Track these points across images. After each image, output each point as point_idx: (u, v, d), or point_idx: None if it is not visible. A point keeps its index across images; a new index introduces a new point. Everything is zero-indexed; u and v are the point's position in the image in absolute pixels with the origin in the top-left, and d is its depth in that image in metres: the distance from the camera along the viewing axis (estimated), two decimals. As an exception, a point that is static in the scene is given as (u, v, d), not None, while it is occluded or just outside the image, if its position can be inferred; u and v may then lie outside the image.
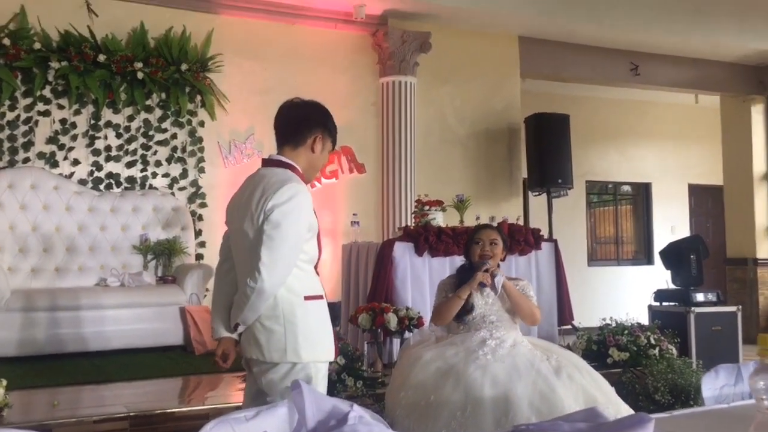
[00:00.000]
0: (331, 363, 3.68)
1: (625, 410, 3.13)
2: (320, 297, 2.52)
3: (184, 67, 6.71)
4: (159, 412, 3.64)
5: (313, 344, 2.44)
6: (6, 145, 6.22)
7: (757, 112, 9.74)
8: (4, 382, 3.41)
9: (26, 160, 6.27)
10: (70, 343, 5.41)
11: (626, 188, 11.42)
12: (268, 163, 2.59)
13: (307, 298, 2.45)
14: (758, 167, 9.68)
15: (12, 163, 6.21)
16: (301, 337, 2.41)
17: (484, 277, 3.42)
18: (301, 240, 2.43)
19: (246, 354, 2.50)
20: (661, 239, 10.32)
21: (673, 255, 6.28)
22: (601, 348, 5.03)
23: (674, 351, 5.04)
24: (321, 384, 2.49)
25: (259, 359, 2.43)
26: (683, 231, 11.02)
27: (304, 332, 2.41)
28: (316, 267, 2.57)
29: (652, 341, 4.95)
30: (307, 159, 2.57)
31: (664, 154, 11.20)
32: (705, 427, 1.73)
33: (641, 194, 11.37)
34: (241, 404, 3.77)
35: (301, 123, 2.56)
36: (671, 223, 11.21)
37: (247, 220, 2.42)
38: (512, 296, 3.46)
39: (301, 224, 2.41)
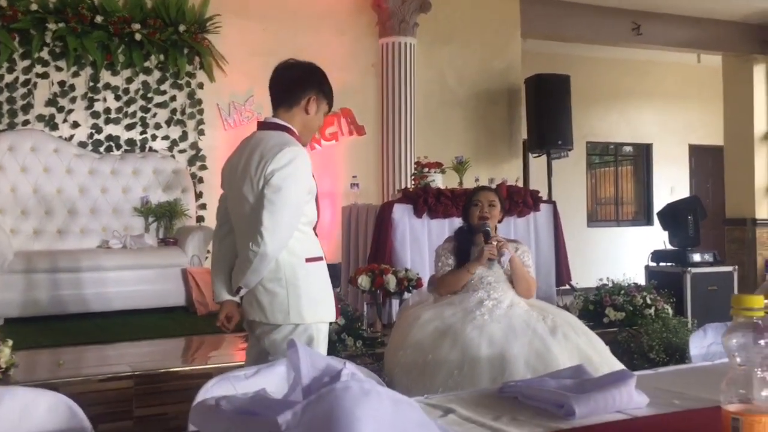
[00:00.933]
0: (331, 323, 3.75)
1: (619, 369, 3.18)
2: (320, 259, 2.55)
3: (182, 28, 6.67)
4: (163, 371, 3.71)
5: (315, 305, 2.47)
6: (5, 107, 6.21)
7: (759, 72, 9.69)
8: (10, 342, 3.47)
9: (26, 122, 6.28)
10: (72, 305, 5.48)
11: (627, 149, 11.40)
12: (264, 126, 2.58)
13: (308, 260, 2.48)
14: (759, 127, 9.66)
15: (12, 126, 6.21)
16: (303, 298, 2.44)
17: (491, 253, 3.43)
18: (302, 203, 2.44)
19: (248, 316, 2.53)
20: (660, 200, 10.33)
21: (671, 216, 6.32)
22: (598, 308, 5.09)
23: (670, 311, 5.10)
24: (322, 344, 2.53)
25: (262, 321, 2.47)
26: (683, 192, 11.04)
27: (306, 294, 2.45)
28: (315, 229, 2.59)
29: (648, 301, 5.01)
30: (301, 120, 2.56)
31: (665, 115, 11.16)
32: (686, 382, 1.78)
33: (642, 155, 11.36)
34: (243, 364, 3.86)
35: (294, 83, 2.55)
36: (671, 183, 11.21)
37: (247, 184, 2.43)
38: (516, 272, 3.49)
39: (300, 187, 2.42)
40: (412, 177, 6.14)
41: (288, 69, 2.59)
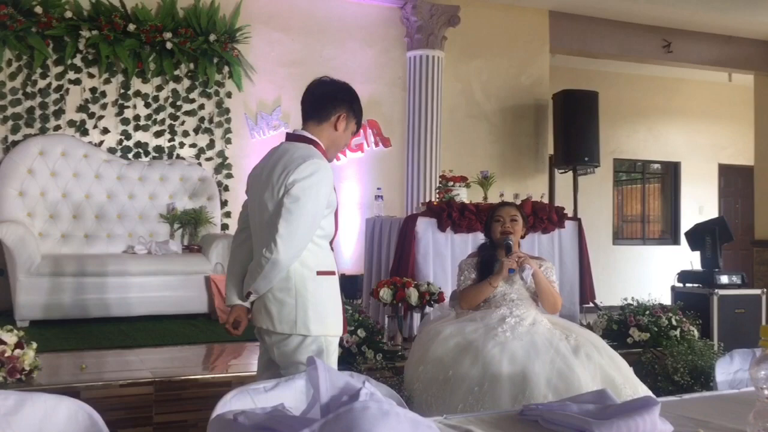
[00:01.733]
0: (351, 336, 3.73)
1: (642, 390, 3.14)
2: (332, 273, 2.57)
3: (212, 37, 6.74)
4: (183, 378, 3.72)
5: (322, 318, 2.48)
6: (38, 112, 6.32)
7: (791, 92, 9.55)
8: (34, 345, 3.50)
9: (57, 127, 6.37)
10: (96, 309, 5.54)
11: (655, 167, 11.28)
12: (291, 137, 2.62)
13: (319, 273, 2.50)
14: (791, 148, 9.51)
15: (43, 131, 6.31)
16: (311, 310, 2.46)
17: (510, 263, 3.42)
18: (319, 216, 2.46)
19: (257, 323, 2.56)
20: (688, 219, 10.21)
21: (697, 236, 6.23)
22: (622, 328, 5.02)
23: (696, 333, 5.02)
24: (333, 357, 2.54)
25: (269, 329, 2.49)
26: (712, 211, 10.89)
27: (314, 306, 2.46)
28: (331, 243, 2.61)
29: (674, 322, 4.93)
30: (329, 136, 2.60)
31: (694, 133, 11.03)
32: (712, 411, 1.74)
33: (670, 173, 11.23)
34: (262, 373, 3.86)
35: (326, 99, 2.59)
36: (700, 203, 11.07)
37: (268, 191, 2.47)
38: (540, 286, 3.47)
39: (320, 200, 2.44)
40: (437, 190, 6.12)
41: (321, 85, 2.63)
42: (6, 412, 1.51)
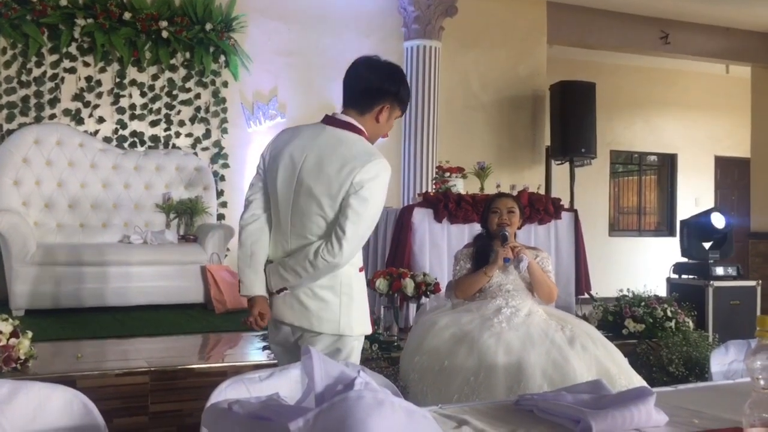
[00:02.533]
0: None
1: (637, 381, 3.15)
2: (362, 268, 2.48)
3: (208, 26, 6.71)
4: (179, 367, 3.72)
5: (362, 317, 2.40)
6: (33, 101, 6.29)
7: (789, 84, 9.55)
8: (30, 334, 3.50)
9: (52, 116, 6.35)
10: (92, 298, 5.54)
11: (651, 158, 11.29)
12: (337, 123, 2.40)
13: (360, 269, 2.42)
14: (787, 141, 9.51)
15: (38, 119, 6.29)
16: (355, 310, 2.36)
17: (505, 252, 3.42)
18: (378, 215, 2.36)
19: (285, 319, 2.39)
20: (684, 211, 10.23)
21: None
22: (617, 319, 5.03)
23: (691, 324, 5.03)
24: (358, 356, 2.46)
25: (303, 327, 2.35)
26: (708, 203, 10.90)
27: (357, 305, 2.37)
28: None
29: (669, 314, 4.95)
30: (371, 127, 2.45)
31: (691, 125, 11.04)
32: (707, 401, 1.74)
33: (666, 165, 11.24)
34: (258, 363, 3.86)
35: (372, 91, 2.40)
36: (696, 195, 11.08)
37: (321, 184, 2.28)
38: (535, 276, 3.47)
39: (383, 201, 2.35)
40: (433, 181, 6.12)
41: (369, 70, 2.43)
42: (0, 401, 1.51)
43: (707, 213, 6.27)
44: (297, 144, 2.38)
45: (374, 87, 2.40)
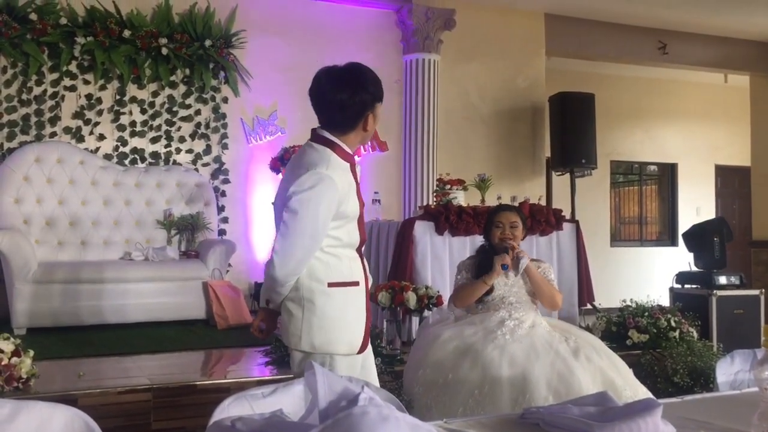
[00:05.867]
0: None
1: (642, 392, 3.13)
2: (353, 284, 2.37)
3: (208, 43, 6.73)
4: (182, 384, 3.70)
5: (328, 334, 2.32)
6: (33, 119, 6.30)
7: (787, 93, 9.55)
8: (31, 353, 3.49)
9: (53, 134, 6.36)
10: (94, 316, 5.52)
11: (652, 168, 11.29)
12: (313, 136, 2.41)
13: (331, 284, 2.32)
14: (787, 149, 9.51)
15: (39, 138, 6.30)
16: (316, 326, 2.31)
17: (503, 259, 3.41)
18: (322, 228, 2.27)
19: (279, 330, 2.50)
20: (686, 220, 10.21)
21: (697, 237, 6.22)
22: (621, 329, 5.01)
23: (695, 334, 5.01)
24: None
25: (282, 340, 2.46)
26: (709, 212, 10.89)
27: (320, 321, 2.31)
28: (359, 250, 2.45)
29: (673, 323, 4.92)
30: (359, 137, 2.42)
31: (690, 135, 11.04)
32: (714, 412, 1.73)
33: (667, 174, 11.24)
34: (261, 379, 3.85)
35: (349, 112, 2.33)
36: (697, 204, 11.07)
37: (279, 197, 2.37)
38: (534, 279, 3.46)
39: (320, 214, 2.24)
40: (434, 194, 6.11)
41: (336, 89, 2.32)
42: (1, 421, 1.49)
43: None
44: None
45: (352, 111, 2.33)
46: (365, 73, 2.39)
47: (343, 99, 2.31)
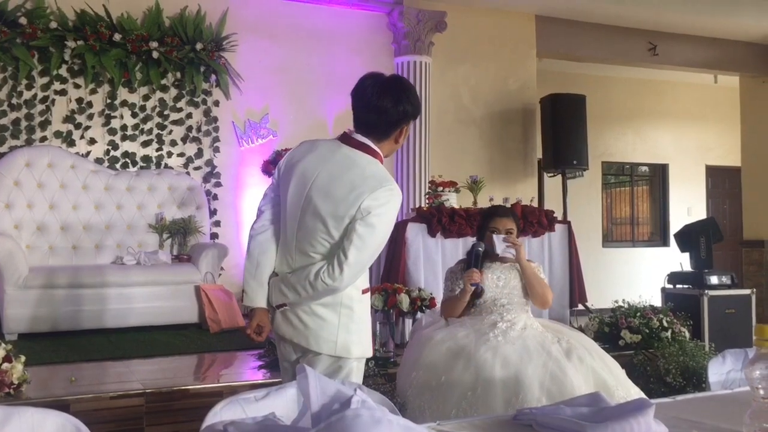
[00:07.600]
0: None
1: (635, 392, 3.14)
2: (369, 290, 2.45)
3: (198, 46, 6.72)
4: (174, 388, 3.69)
5: (362, 339, 2.35)
6: (23, 123, 6.28)
7: (777, 93, 9.61)
8: (23, 358, 3.47)
9: (43, 138, 6.33)
10: (86, 320, 5.49)
11: (643, 169, 11.33)
12: (353, 142, 2.36)
13: (364, 291, 2.38)
14: (777, 148, 9.56)
15: (29, 142, 6.27)
16: (355, 332, 2.32)
17: (469, 278, 3.39)
18: (385, 242, 2.35)
19: (286, 335, 2.37)
20: (677, 221, 10.26)
21: (687, 237, 6.25)
22: (613, 330, 5.03)
23: (687, 334, 5.03)
24: (358, 379, 2.41)
25: (301, 344, 2.33)
26: (700, 213, 10.94)
27: (357, 326, 2.33)
28: None
29: (665, 324, 4.95)
30: (389, 148, 2.42)
31: (681, 135, 11.10)
32: (706, 411, 1.74)
33: (658, 175, 11.29)
34: (254, 383, 3.84)
35: (390, 122, 2.35)
36: (688, 204, 11.13)
37: (329, 204, 2.26)
38: (526, 273, 3.46)
39: (390, 228, 2.32)
40: (426, 196, 6.12)
41: (382, 97, 2.33)
42: (-8, 427, 1.49)
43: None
44: (311, 159, 2.35)
45: (393, 118, 2.34)
46: (411, 87, 2.44)
47: (387, 106, 2.32)
